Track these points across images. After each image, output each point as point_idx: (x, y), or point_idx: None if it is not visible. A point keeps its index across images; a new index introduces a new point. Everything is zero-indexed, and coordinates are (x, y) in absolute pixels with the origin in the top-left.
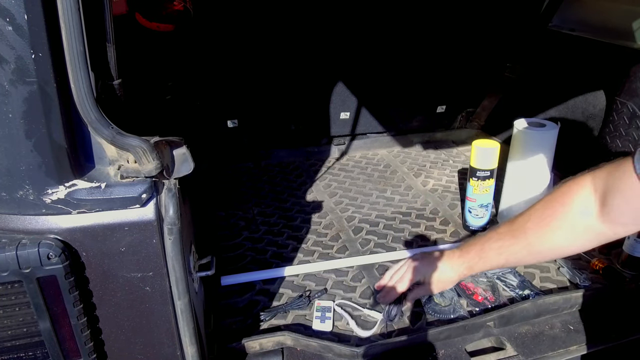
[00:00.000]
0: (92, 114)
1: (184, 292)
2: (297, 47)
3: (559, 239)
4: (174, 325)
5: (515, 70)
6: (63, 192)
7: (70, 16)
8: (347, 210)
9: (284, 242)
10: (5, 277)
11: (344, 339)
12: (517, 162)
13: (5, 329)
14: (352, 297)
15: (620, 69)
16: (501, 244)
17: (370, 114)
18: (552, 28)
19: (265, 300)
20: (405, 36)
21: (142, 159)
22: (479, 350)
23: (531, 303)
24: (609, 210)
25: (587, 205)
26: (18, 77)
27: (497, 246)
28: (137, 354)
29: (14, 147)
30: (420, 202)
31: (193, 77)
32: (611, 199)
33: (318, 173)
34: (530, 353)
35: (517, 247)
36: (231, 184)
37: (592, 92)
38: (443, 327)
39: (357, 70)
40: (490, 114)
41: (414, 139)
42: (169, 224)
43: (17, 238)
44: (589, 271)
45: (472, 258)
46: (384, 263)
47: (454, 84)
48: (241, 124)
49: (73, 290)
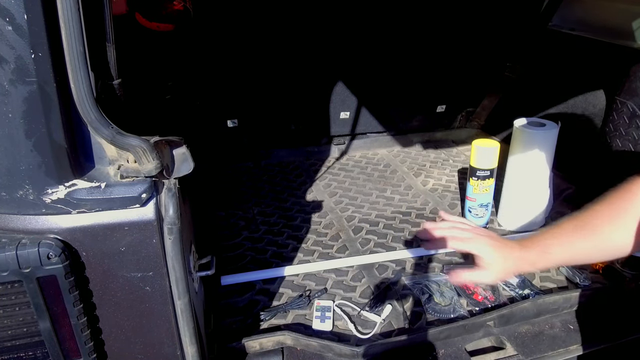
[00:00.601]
0: (92, 113)
1: (184, 291)
2: (297, 47)
3: (629, 236)
4: (174, 325)
5: (515, 70)
6: (63, 192)
7: (70, 16)
8: (347, 209)
9: (284, 241)
10: (5, 277)
11: (344, 339)
12: (517, 161)
13: (6, 329)
14: (352, 296)
15: (620, 69)
16: (568, 240)
17: (370, 113)
18: (552, 28)
19: (265, 300)
20: (405, 36)
21: (142, 158)
22: (479, 349)
23: (531, 302)
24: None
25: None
26: (18, 77)
27: (564, 242)
28: (137, 353)
29: (14, 146)
30: (420, 201)
31: (193, 77)
32: None
33: (318, 173)
34: (530, 352)
35: (586, 244)
36: (231, 183)
37: (592, 91)
38: (443, 327)
39: (357, 69)
40: (490, 114)
41: (413, 139)
42: (169, 223)
43: (17, 238)
44: (589, 271)
45: (536, 254)
46: (384, 263)
47: (454, 83)
48: (241, 124)
49: (73, 290)
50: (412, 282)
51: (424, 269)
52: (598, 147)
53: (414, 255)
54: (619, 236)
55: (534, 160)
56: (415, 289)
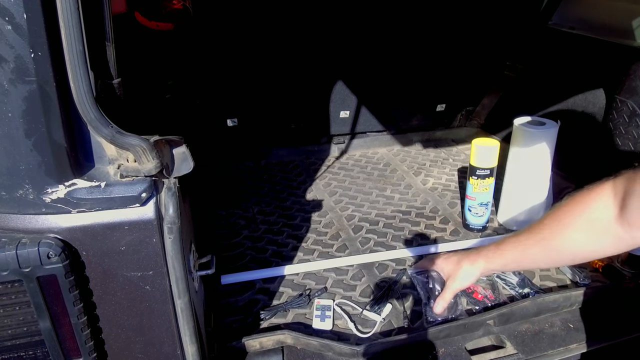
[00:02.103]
0: (92, 113)
1: (184, 291)
2: (296, 46)
3: (575, 238)
4: (174, 324)
5: (515, 69)
6: (63, 191)
7: (70, 15)
8: (347, 209)
9: (284, 240)
10: (5, 277)
11: (344, 338)
12: (517, 160)
13: (6, 328)
14: (352, 295)
15: (620, 67)
16: (517, 238)
17: (370, 112)
18: (552, 26)
19: (265, 299)
20: (405, 34)
21: (142, 158)
22: (479, 348)
23: (531, 301)
24: (628, 213)
25: (607, 207)
26: (17, 76)
27: (513, 240)
28: (138, 353)
29: (14, 146)
30: (420, 200)
31: (193, 76)
32: (630, 201)
33: (318, 172)
34: (530, 351)
35: (531, 242)
36: (231, 182)
37: (592, 90)
38: (443, 326)
39: (357, 68)
40: (490, 113)
41: (413, 138)
42: (169, 223)
43: (17, 237)
44: (588, 269)
45: (488, 250)
46: (383, 262)
47: (454, 82)
48: (241, 123)
49: (73, 290)
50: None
51: None
52: (598, 145)
53: (414, 254)
54: (566, 237)
55: (534, 159)
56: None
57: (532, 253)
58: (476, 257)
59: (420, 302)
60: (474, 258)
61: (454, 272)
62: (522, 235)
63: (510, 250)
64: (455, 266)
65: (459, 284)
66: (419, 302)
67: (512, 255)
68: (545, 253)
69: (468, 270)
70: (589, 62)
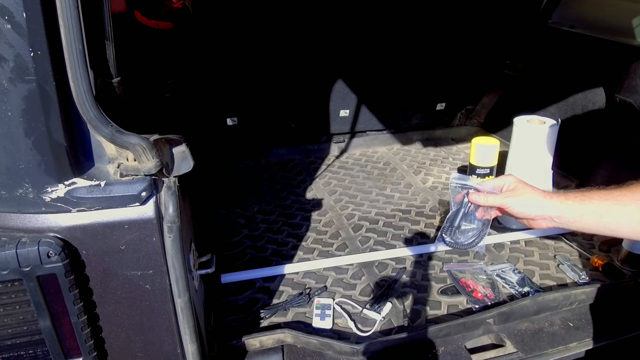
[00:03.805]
0: (92, 112)
1: (184, 290)
2: (296, 45)
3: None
4: (174, 323)
5: (515, 68)
6: (62, 191)
7: (69, 14)
8: (347, 208)
9: (284, 240)
10: (5, 276)
11: (344, 336)
12: (517, 159)
13: (6, 327)
14: (352, 294)
15: (619, 66)
16: (607, 190)
17: (370, 111)
18: (552, 25)
19: (265, 298)
20: (405, 34)
21: (142, 157)
22: (479, 347)
23: (531, 300)
24: None
25: None
26: (17, 76)
27: (603, 191)
28: (138, 351)
29: (14, 145)
30: (419, 199)
31: (192, 75)
32: None
33: (318, 171)
34: (530, 350)
35: (626, 199)
36: (231, 181)
37: (592, 89)
38: (443, 325)
39: (357, 68)
40: (490, 111)
41: (413, 137)
42: (169, 222)
43: (17, 236)
44: (588, 268)
45: (570, 193)
46: (383, 261)
47: (454, 81)
48: (241, 122)
49: (73, 289)
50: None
51: (424, 267)
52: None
53: (414, 253)
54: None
55: (534, 158)
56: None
57: (621, 211)
58: (553, 195)
59: (419, 300)
60: (551, 194)
61: (518, 191)
62: (615, 191)
63: (597, 200)
64: (524, 188)
65: (511, 202)
66: (418, 301)
67: (595, 207)
68: (627, 224)
69: (534, 199)
70: (588, 61)
